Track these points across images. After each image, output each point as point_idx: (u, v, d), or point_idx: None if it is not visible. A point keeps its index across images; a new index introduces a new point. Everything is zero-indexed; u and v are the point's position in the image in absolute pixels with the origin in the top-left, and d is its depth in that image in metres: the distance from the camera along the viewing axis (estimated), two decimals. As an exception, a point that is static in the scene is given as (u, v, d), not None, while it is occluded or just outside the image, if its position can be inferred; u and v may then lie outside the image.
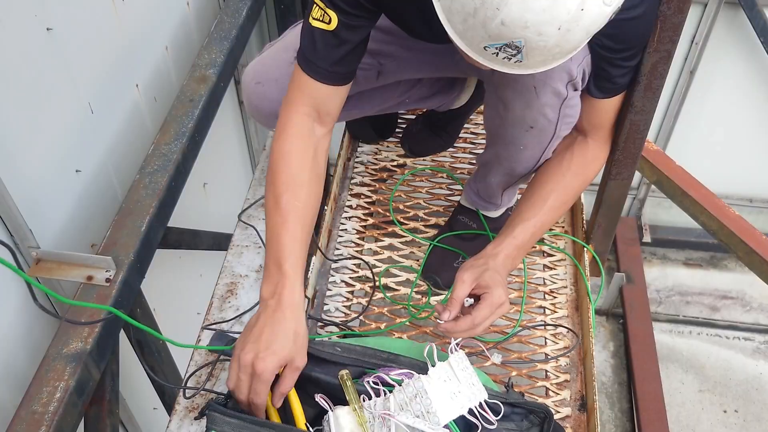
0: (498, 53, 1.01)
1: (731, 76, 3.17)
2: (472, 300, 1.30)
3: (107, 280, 1.54)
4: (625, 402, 3.29)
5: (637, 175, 3.66)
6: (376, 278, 1.62)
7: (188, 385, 1.42)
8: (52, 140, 1.58)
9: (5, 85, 1.37)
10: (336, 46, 1.27)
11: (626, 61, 1.27)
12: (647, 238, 3.76)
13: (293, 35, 1.58)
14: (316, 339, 1.46)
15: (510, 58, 1.01)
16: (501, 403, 1.27)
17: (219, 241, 2.48)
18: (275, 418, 1.20)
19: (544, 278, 1.64)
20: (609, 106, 1.36)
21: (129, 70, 1.94)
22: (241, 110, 2.98)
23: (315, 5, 1.26)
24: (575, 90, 1.30)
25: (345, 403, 1.26)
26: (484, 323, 1.26)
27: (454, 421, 1.24)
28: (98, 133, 1.79)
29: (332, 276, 1.64)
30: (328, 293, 1.60)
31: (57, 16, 1.53)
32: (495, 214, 1.66)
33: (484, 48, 1.01)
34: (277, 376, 1.18)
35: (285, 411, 1.23)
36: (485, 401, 1.26)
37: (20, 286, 1.54)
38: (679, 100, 3.29)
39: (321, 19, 1.25)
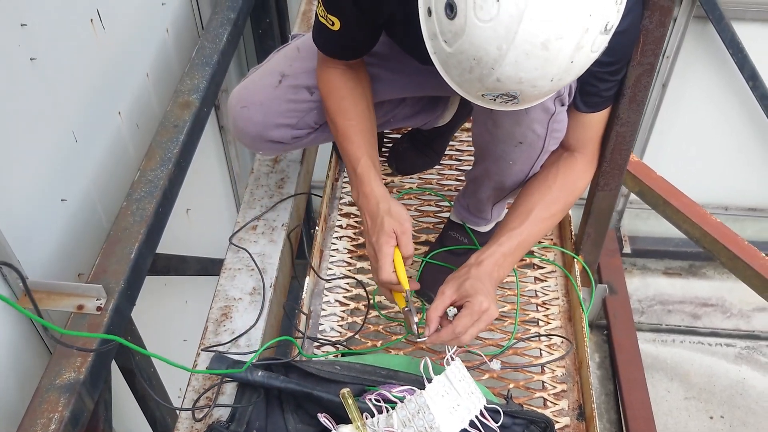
0: (495, 99, 1.06)
1: (702, 88, 3.24)
2: (455, 310, 1.31)
3: (98, 308, 1.52)
4: (614, 413, 3.31)
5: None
6: (370, 296, 1.62)
7: (190, 409, 1.41)
8: (38, 169, 1.57)
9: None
10: (342, 42, 1.39)
11: (613, 75, 1.31)
12: (627, 249, 3.80)
13: (277, 59, 1.61)
14: (315, 359, 1.46)
15: (506, 102, 1.06)
16: (502, 412, 1.28)
17: (206, 266, 2.48)
18: (406, 284, 1.35)
19: (536, 290, 1.66)
20: (596, 120, 1.39)
21: (111, 97, 1.94)
22: (221, 135, 2.98)
23: (319, 4, 1.32)
24: (562, 105, 1.33)
25: (347, 421, 1.27)
26: (468, 331, 1.28)
27: (456, 435, 1.24)
28: (83, 162, 1.79)
29: (326, 296, 1.64)
30: (323, 313, 1.61)
31: (40, 45, 1.53)
32: (485, 228, 1.67)
33: (482, 95, 1.06)
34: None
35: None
36: (485, 408, 1.27)
37: (9, 318, 1.52)
38: (653, 113, 3.35)
39: (325, 19, 1.31)
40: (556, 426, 1.42)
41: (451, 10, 0.97)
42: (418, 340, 1.34)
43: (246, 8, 2.49)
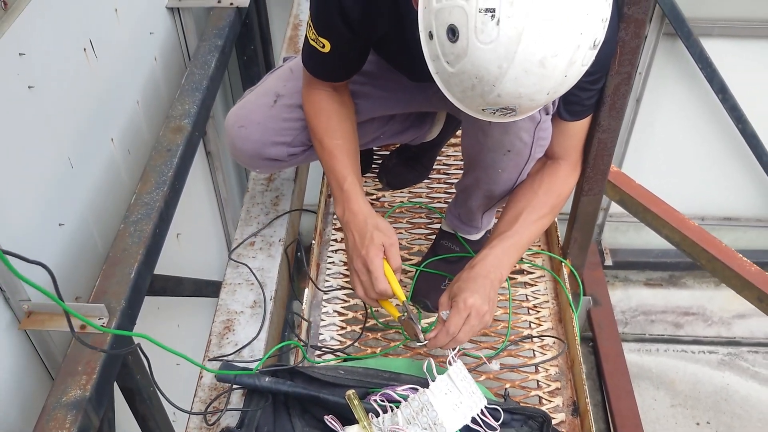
0: (495, 113, 1.13)
1: (675, 102, 3.36)
2: (448, 312, 1.37)
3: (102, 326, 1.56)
4: (602, 422, 3.36)
5: (594, 201, 3.81)
6: (368, 306, 1.68)
7: (203, 413, 1.45)
8: (37, 194, 1.62)
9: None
10: (332, 65, 1.45)
11: (593, 85, 1.39)
12: (609, 262, 3.89)
13: (271, 81, 1.68)
14: (318, 365, 1.51)
15: (505, 115, 1.13)
16: (501, 410, 1.34)
17: (200, 288, 2.52)
18: (402, 296, 1.41)
19: (526, 294, 1.72)
20: (578, 128, 1.47)
21: (104, 124, 1.99)
22: (208, 161, 3.03)
23: (309, 27, 1.38)
24: (547, 114, 1.41)
25: (353, 423, 1.31)
26: (462, 330, 1.34)
27: (459, 430, 1.30)
28: (79, 186, 1.83)
29: (324, 306, 1.70)
30: (322, 323, 1.66)
31: (37, 74, 1.59)
32: (476, 237, 1.74)
33: (482, 110, 1.13)
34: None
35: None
36: (485, 407, 1.32)
37: (12, 341, 1.55)
38: (628, 128, 3.46)
39: (316, 41, 1.37)
40: (552, 423, 1.47)
41: (453, 34, 1.04)
42: (418, 344, 1.40)
43: (232, 36, 2.56)
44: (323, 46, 1.40)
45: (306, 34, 1.44)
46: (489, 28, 1.00)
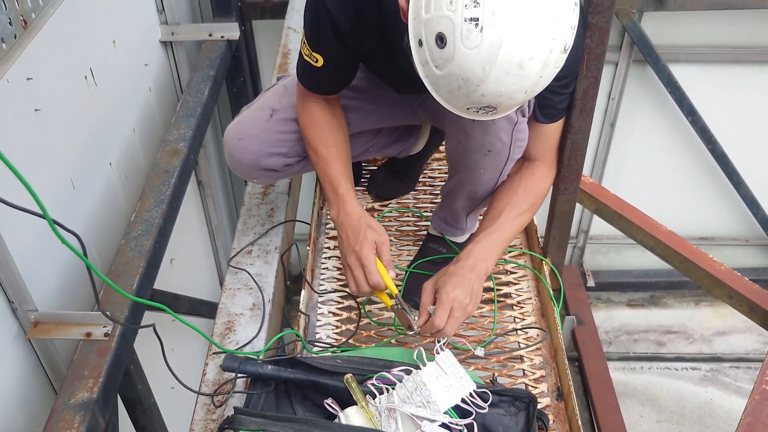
0: (478, 111, 1.25)
1: (647, 125, 3.52)
2: (434, 306, 1.48)
3: (105, 335, 1.64)
4: (590, 439, 3.42)
5: (574, 225, 3.94)
6: (360, 305, 1.77)
7: (211, 394, 1.52)
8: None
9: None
10: (325, 79, 1.57)
11: (565, 89, 1.52)
12: (591, 283, 4.00)
13: (267, 97, 1.79)
14: (317, 355, 1.60)
15: (487, 113, 1.26)
16: (489, 392, 1.43)
17: (195, 306, 2.60)
18: (394, 289, 1.52)
19: (510, 292, 1.83)
20: (553, 130, 1.60)
21: (103, 149, 2.10)
22: (200, 190, 3.13)
23: (304, 43, 1.49)
24: (523, 116, 1.53)
25: (352, 405, 1.40)
26: (448, 323, 1.45)
27: (451, 408, 1.38)
28: (79, 206, 1.93)
29: (320, 308, 1.79)
30: (318, 323, 1.75)
31: (43, 98, 1.69)
32: (461, 239, 1.85)
33: (467, 108, 1.25)
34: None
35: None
36: (474, 391, 1.41)
37: (20, 351, 1.62)
38: (605, 151, 3.60)
39: (309, 56, 1.49)
40: (538, 407, 1.56)
41: (441, 41, 1.17)
42: (410, 332, 1.50)
43: (223, 67, 2.70)
44: (316, 61, 1.52)
45: (300, 51, 1.56)
46: (473, 35, 1.12)
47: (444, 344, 1.48)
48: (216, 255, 3.39)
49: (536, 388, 1.61)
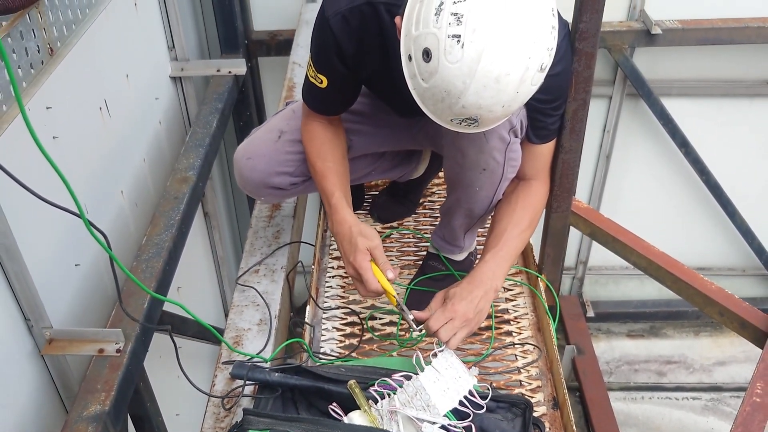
0: (461, 123, 1.34)
1: (641, 157, 3.61)
2: None
3: (117, 350, 1.71)
4: (593, 469, 3.44)
5: (573, 256, 4.00)
6: (363, 321, 1.84)
7: (222, 397, 1.57)
8: (57, 237, 1.78)
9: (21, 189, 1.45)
10: (329, 99, 1.67)
11: (555, 110, 1.61)
12: (591, 313, 4.05)
13: (275, 120, 1.89)
14: (321, 364, 1.67)
15: (469, 125, 1.35)
16: (489, 394, 1.49)
17: (202, 331, 2.66)
18: (392, 292, 1.57)
19: (507, 308, 1.90)
20: (545, 151, 1.69)
21: (115, 177, 2.19)
22: (206, 221, 3.22)
23: (310, 65, 1.59)
24: (516, 137, 1.62)
25: (356, 410, 1.46)
26: (444, 328, 1.53)
27: (449, 412, 1.44)
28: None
29: (324, 324, 1.86)
30: (323, 338, 1.81)
31: (60, 126, 1.78)
32: (459, 257, 1.93)
33: (451, 120, 1.35)
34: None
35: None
36: (473, 389, 1.48)
37: (34, 367, 1.68)
38: (601, 182, 3.69)
39: (315, 78, 1.59)
40: (534, 415, 1.61)
41: (427, 55, 1.27)
42: (414, 334, 1.57)
43: (231, 100, 2.81)
44: (321, 82, 1.62)
45: (306, 73, 1.66)
46: (455, 51, 1.22)
47: (439, 351, 1.55)
48: (221, 285, 3.46)
49: (533, 397, 1.67)
